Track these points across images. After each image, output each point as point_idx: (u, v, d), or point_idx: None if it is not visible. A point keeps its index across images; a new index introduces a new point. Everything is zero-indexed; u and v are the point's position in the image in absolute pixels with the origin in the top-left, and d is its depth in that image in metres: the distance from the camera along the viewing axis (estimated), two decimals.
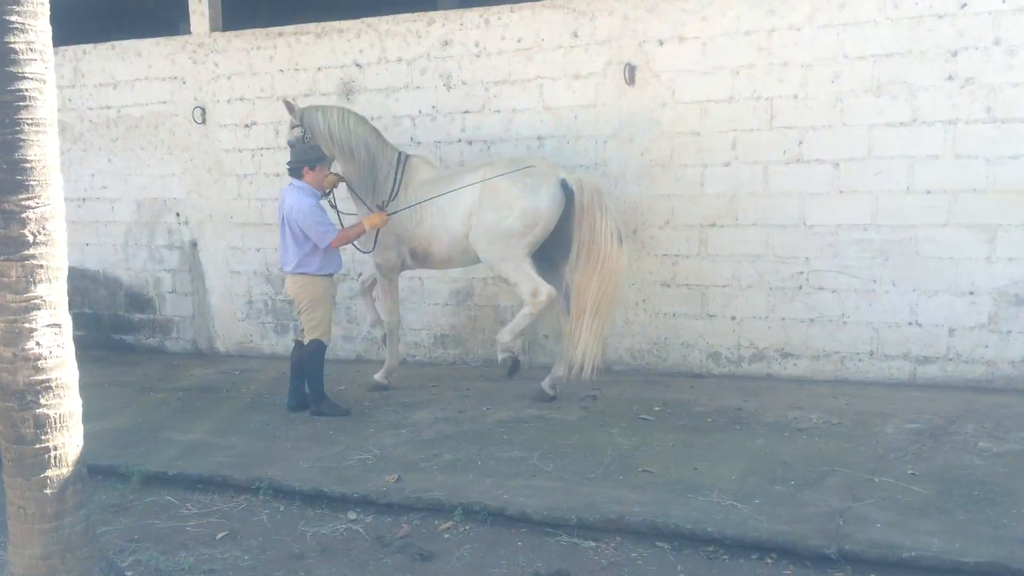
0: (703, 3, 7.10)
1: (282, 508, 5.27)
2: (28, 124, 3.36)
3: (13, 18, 3.31)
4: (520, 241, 6.58)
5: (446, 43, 8.06)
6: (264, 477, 5.49)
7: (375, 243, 7.00)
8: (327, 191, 7.03)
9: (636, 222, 7.51)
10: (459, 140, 8.12)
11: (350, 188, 7.17)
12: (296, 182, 6.72)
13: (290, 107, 7.14)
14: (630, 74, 7.37)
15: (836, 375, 7.04)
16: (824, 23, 6.77)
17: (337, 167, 7.18)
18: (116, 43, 9.47)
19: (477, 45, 7.95)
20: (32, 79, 3.36)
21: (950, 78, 6.47)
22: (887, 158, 6.69)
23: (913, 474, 4.95)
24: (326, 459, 5.78)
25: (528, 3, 7.74)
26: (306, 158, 6.71)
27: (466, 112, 8.06)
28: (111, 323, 9.92)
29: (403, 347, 8.59)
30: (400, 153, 7.22)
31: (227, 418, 6.92)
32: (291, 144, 7.14)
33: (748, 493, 4.78)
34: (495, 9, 7.87)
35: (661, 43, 7.27)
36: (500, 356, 6.92)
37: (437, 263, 7.22)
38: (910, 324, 6.78)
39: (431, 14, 8.19)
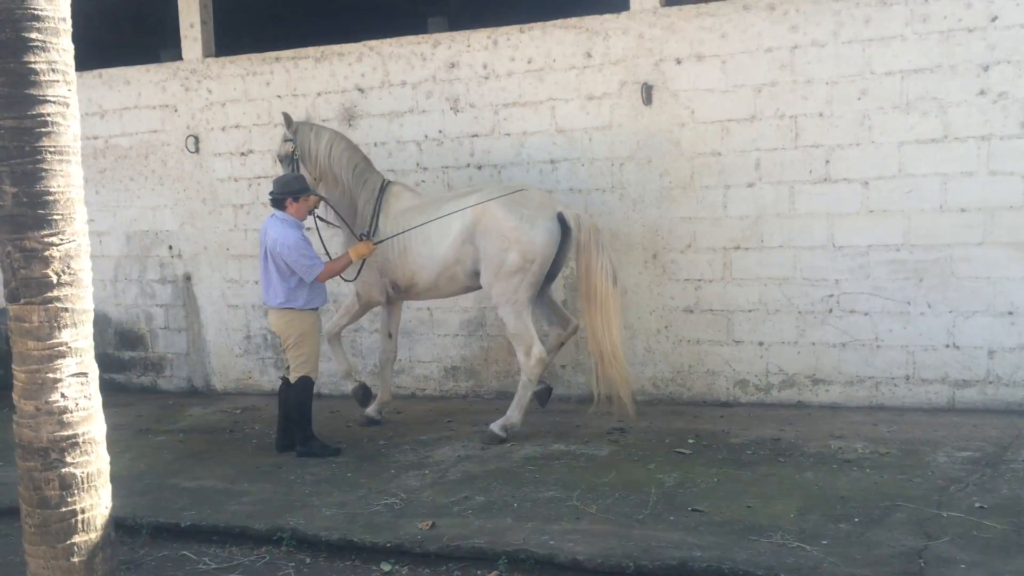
0: (722, 20, 6.91)
1: (308, 560, 4.92)
2: (51, 152, 3.04)
3: (33, 35, 2.99)
4: (522, 280, 6.35)
5: (453, 65, 7.80)
6: (286, 527, 5.13)
7: (359, 272, 6.76)
8: (310, 210, 6.72)
9: (656, 246, 7.26)
10: (468, 165, 7.84)
11: (335, 212, 6.92)
12: (279, 213, 6.42)
13: (288, 120, 6.92)
14: (647, 94, 7.14)
15: (871, 401, 6.79)
16: (849, 39, 6.58)
17: (322, 190, 6.91)
18: (103, 71, 9.12)
19: (485, 67, 7.69)
20: (55, 102, 3.05)
21: (982, 93, 6.29)
22: (919, 176, 6.50)
23: (982, 507, 4.68)
24: (350, 505, 5.43)
25: (538, 23, 7.50)
26: (290, 189, 6.42)
27: (475, 136, 7.79)
28: (100, 361, 9.35)
29: (412, 380, 8.29)
30: (383, 180, 6.97)
31: (235, 462, 6.54)
32: (281, 159, 6.94)
33: (813, 533, 4.49)
34: (504, 29, 7.63)
35: (679, 62, 7.06)
36: (500, 435, 6.43)
37: (421, 293, 6.96)
38: (947, 347, 6.55)
39: (436, 36, 7.93)
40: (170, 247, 9.05)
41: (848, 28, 6.59)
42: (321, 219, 6.95)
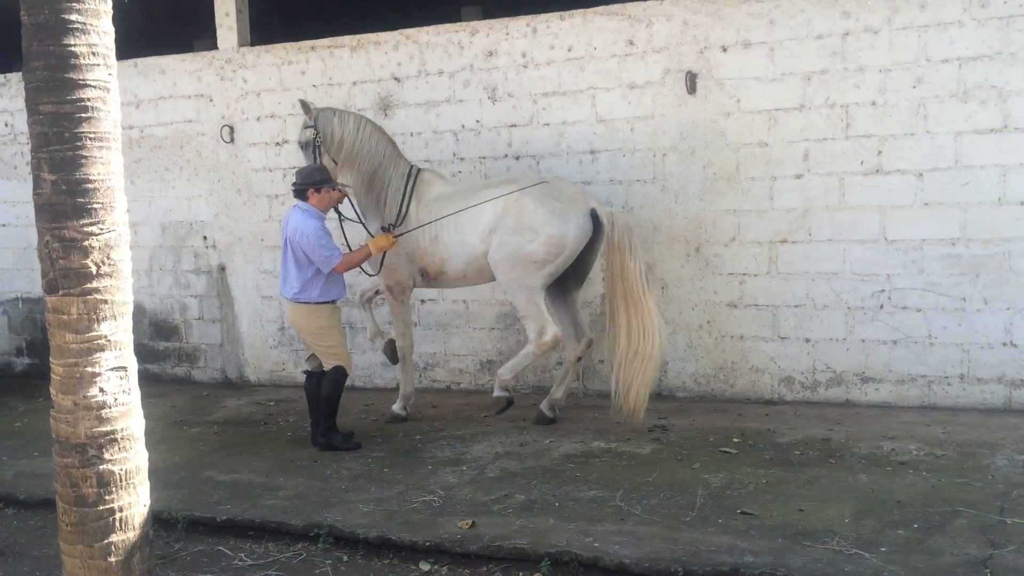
0: (770, 6, 6.70)
1: (345, 558, 4.80)
2: (90, 139, 2.93)
3: (73, 17, 2.88)
4: (540, 269, 6.29)
5: (491, 54, 7.65)
6: (323, 523, 5.02)
7: (381, 265, 6.67)
8: (333, 204, 6.61)
9: (699, 239, 7.07)
10: (505, 155, 7.69)
11: (355, 203, 6.80)
12: (301, 204, 6.34)
13: (306, 106, 6.72)
14: (691, 83, 6.95)
15: (922, 401, 6.57)
16: (904, 25, 6.35)
17: (345, 177, 6.77)
18: (139, 60, 9.05)
19: (524, 55, 7.53)
20: (95, 87, 2.94)
21: None
22: (976, 167, 6.26)
23: None
24: (387, 501, 5.32)
25: (579, 10, 7.33)
26: (312, 180, 6.33)
27: (513, 126, 7.64)
28: (134, 352, 9.42)
29: (447, 374, 8.17)
30: (412, 167, 6.83)
31: (270, 455, 6.45)
32: (302, 145, 6.78)
33: (871, 539, 4.30)
34: (543, 17, 7.46)
35: (724, 49, 6.86)
36: (496, 393, 6.60)
37: (450, 282, 6.85)
38: (1004, 345, 6.32)
39: (474, 24, 7.78)
40: (204, 237, 9.00)
41: (903, 14, 6.36)
42: (343, 216, 6.83)
